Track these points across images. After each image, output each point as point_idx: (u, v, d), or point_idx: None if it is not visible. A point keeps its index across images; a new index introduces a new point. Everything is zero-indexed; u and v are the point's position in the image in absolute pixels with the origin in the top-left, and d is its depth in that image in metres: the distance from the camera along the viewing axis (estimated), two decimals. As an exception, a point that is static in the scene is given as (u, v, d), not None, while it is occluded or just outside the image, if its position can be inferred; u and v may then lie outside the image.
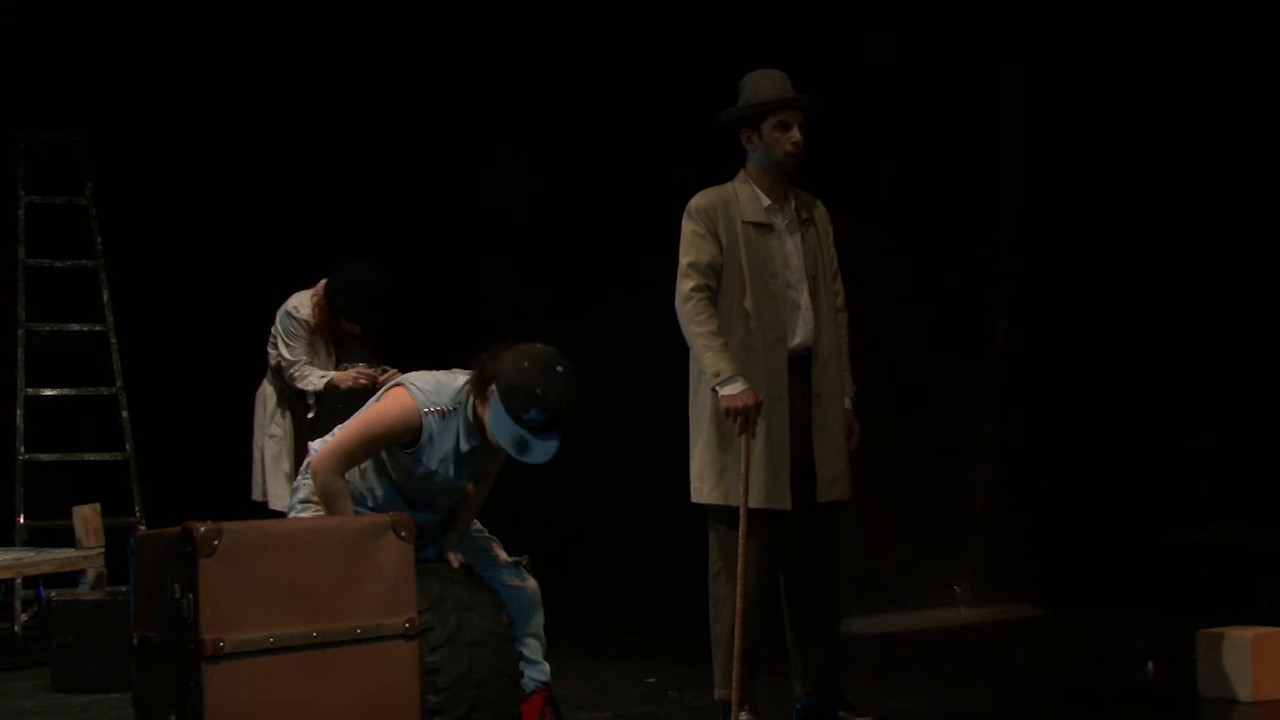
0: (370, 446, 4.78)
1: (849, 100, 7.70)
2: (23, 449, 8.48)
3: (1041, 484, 8.57)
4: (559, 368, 4.67)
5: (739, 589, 5.28)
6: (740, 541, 5.26)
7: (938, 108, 8.39)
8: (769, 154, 5.49)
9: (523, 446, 4.65)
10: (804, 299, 5.48)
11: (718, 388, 5.32)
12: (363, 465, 4.85)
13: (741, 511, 5.26)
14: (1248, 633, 5.94)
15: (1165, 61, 8.08)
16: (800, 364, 5.48)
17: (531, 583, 5.10)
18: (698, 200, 5.51)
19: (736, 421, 5.28)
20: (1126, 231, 8.28)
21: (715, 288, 5.43)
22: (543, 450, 4.67)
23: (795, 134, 5.47)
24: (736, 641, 5.29)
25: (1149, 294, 8.17)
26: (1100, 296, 8.39)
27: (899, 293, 7.99)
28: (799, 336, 5.48)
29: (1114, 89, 8.32)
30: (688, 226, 5.49)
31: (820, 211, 5.65)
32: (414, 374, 4.89)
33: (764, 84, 5.51)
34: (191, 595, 4.06)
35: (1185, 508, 7.56)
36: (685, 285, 5.42)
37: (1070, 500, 8.41)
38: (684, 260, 5.45)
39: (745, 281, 5.42)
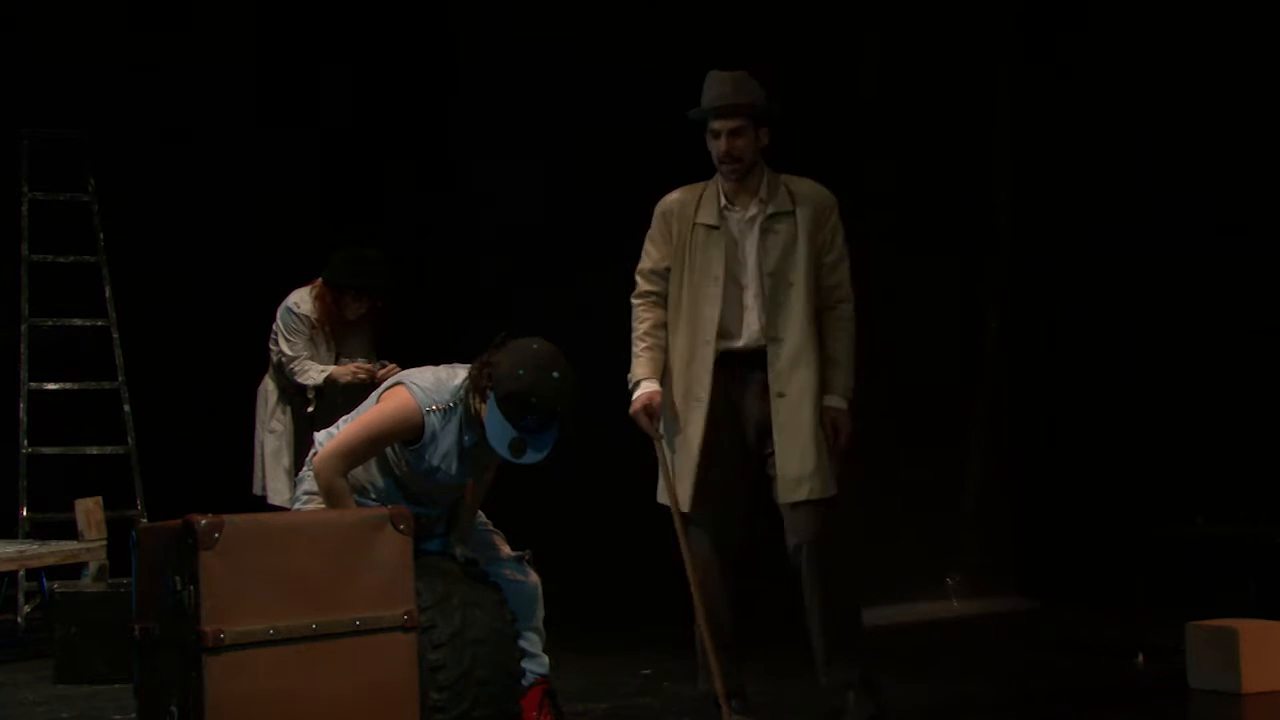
0: (373, 446, 4.83)
1: (843, 100, 7.75)
2: (26, 443, 8.52)
3: (1032, 478, 8.57)
4: (555, 373, 4.70)
5: (692, 586, 5.29)
6: (680, 541, 5.27)
7: (931, 106, 8.41)
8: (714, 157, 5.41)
9: (519, 449, 4.69)
10: (750, 298, 5.33)
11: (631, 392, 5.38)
12: (364, 460, 4.92)
13: (674, 512, 5.29)
14: (1236, 625, 5.96)
15: (1159, 55, 8.07)
16: (749, 363, 5.34)
17: (533, 577, 5.15)
18: (662, 202, 5.47)
19: (641, 425, 5.33)
20: (1118, 228, 8.30)
21: (663, 291, 5.40)
22: (538, 447, 4.72)
23: (723, 143, 5.30)
24: (707, 637, 5.29)
25: (1139, 289, 8.18)
26: (1091, 292, 8.41)
27: (891, 289, 8.01)
28: (744, 337, 5.35)
29: (1108, 85, 8.33)
30: (650, 230, 5.48)
31: (810, 202, 5.37)
32: (413, 371, 4.93)
33: (706, 89, 5.37)
34: (192, 587, 4.10)
35: (1174, 501, 7.59)
36: (635, 290, 5.47)
37: (1061, 493, 8.41)
38: (639, 265, 5.48)
39: (687, 283, 5.37)
